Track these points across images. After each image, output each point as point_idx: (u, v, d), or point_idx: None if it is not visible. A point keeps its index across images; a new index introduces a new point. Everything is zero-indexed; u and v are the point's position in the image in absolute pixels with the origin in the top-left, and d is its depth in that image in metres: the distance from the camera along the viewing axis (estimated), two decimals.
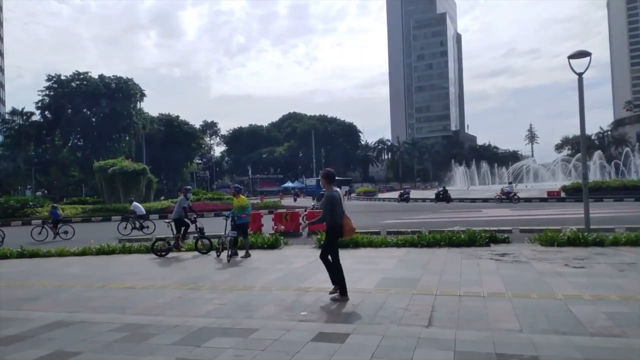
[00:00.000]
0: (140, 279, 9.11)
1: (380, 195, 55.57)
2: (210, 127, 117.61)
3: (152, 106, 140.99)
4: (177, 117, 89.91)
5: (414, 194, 51.02)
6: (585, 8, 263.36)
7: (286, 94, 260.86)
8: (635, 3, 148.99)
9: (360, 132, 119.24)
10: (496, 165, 71.74)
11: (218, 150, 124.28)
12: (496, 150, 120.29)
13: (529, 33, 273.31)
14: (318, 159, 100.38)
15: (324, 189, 7.01)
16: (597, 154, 50.77)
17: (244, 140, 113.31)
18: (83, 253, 13.19)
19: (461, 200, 37.06)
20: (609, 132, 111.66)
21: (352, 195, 53.39)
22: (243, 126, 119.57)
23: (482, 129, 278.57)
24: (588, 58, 11.86)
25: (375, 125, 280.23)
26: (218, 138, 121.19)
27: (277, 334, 4.95)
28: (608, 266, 8.19)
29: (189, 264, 11.09)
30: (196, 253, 12.30)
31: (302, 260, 10.45)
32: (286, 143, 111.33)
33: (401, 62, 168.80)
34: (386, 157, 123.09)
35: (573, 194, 30.51)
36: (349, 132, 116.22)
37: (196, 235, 13.00)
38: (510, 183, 37.73)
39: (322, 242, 12.21)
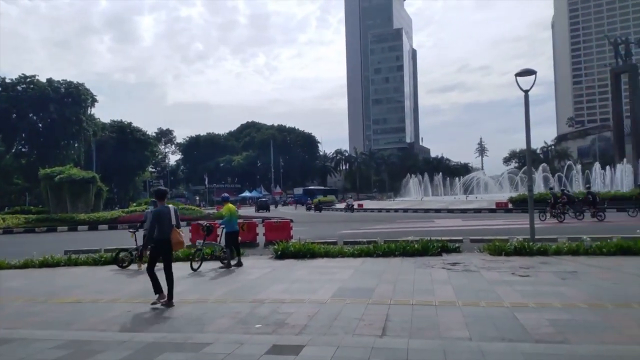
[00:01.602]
0: (87, 292, 8.69)
1: (338, 206, 55.98)
2: (165, 135, 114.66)
3: (104, 112, 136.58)
4: (130, 123, 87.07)
5: (370, 204, 51.85)
6: (532, 29, 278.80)
7: (245, 103, 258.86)
8: (577, 25, 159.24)
9: (319, 142, 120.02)
10: (448, 177, 74.04)
11: (173, 158, 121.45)
12: (448, 163, 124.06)
13: (480, 51, 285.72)
14: (277, 168, 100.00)
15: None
16: (542, 167, 53.52)
17: (201, 149, 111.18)
18: (25, 265, 12.44)
19: (415, 211, 38.09)
20: (553, 147, 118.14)
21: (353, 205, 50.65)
22: (200, 134, 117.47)
23: (435, 142, 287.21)
24: (533, 76, 12.52)
25: (334, 136, 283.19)
26: (173, 146, 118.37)
27: (230, 347, 4.85)
28: (551, 275, 8.60)
29: (142, 276, 10.70)
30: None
31: (258, 271, 10.33)
32: (244, 152, 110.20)
33: (359, 75, 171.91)
34: (344, 167, 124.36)
35: (519, 205, 31.92)
36: (308, 142, 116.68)
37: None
38: (350, 198, 38.70)
39: (279, 252, 12.20)
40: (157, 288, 7.19)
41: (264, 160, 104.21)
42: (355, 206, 46.09)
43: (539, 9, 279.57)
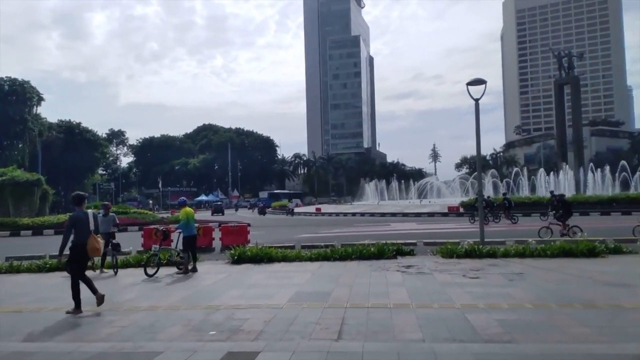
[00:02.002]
0: (29, 300, 8.21)
1: (297, 210, 55.93)
2: (117, 136, 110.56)
3: (51, 112, 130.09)
4: (79, 124, 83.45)
5: (328, 208, 52.13)
6: (482, 40, 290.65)
7: (202, 104, 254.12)
8: (524, 38, 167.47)
9: (277, 146, 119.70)
10: (403, 181, 75.72)
11: (125, 160, 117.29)
12: (404, 168, 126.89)
13: (434, 60, 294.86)
14: (234, 172, 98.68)
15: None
16: (491, 172, 55.80)
17: (155, 151, 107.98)
18: None
19: (372, 214, 38.66)
20: (501, 153, 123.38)
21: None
22: (154, 136, 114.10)
23: (391, 147, 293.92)
24: (483, 86, 13.04)
25: (293, 140, 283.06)
26: (126, 148, 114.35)
27: (182, 356, 4.72)
28: (500, 276, 8.96)
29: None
30: (111, 272, 11.30)
31: (213, 276, 10.14)
32: (201, 155, 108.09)
33: (318, 80, 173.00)
34: (302, 171, 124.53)
35: (470, 209, 33.02)
36: (266, 146, 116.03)
37: (104, 251, 11.86)
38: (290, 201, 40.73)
39: (235, 257, 12.03)
40: (93, 290, 7.13)
41: (221, 164, 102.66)
42: (296, 210, 48.62)
43: (489, 22, 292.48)
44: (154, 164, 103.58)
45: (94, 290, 7.15)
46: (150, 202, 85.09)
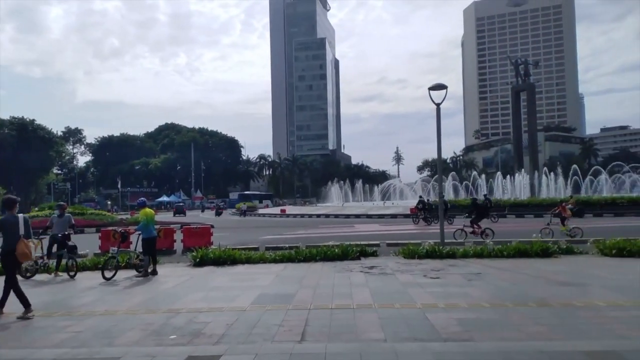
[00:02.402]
0: None
1: (261, 211, 55.54)
2: (73, 134, 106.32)
3: (3, 108, 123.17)
4: (33, 121, 79.74)
5: (293, 209, 52.06)
6: (444, 46, 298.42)
7: (164, 103, 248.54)
8: (483, 46, 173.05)
9: (242, 147, 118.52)
10: (368, 183, 76.61)
11: (83, 160, 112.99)
12: (368, 170, 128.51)
13: (398, 64, 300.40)
14: (197, 172, 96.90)
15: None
16: (452, 175, 57.35)
17: (114, 150, 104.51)
18: None
19: (336, 216, 38.91)
20: (461, 157, 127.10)
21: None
22: (113, 135, 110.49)
23: (356, 149, 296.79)
24: (445, 90, 13.40)
25: (258, 141, 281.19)
26: (83, 147, 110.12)
27: None
28: (459, 276, 9.20)
29: (46, 287, 9.78)
30: (66, 275, 10.79)
31: (174, 279, 9.91)
32: (163, 155, 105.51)
33: (283, 81, 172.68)
34: (267, 172, 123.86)
35: (421, 211, 33.74)
36: (231, 146, 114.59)
37: (60, 253, 11.35)
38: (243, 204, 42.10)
39: (197, 260, 11.81)
40: (24, 302, 6.85)
41: (183, 164, 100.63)
42: (261, 211, 50.59)
43: (451, 28, 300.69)
44: (113, 163, 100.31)
45: (26, 303, 6.83)
46: (109, 202, 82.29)
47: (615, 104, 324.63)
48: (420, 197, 31.45)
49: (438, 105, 13.44)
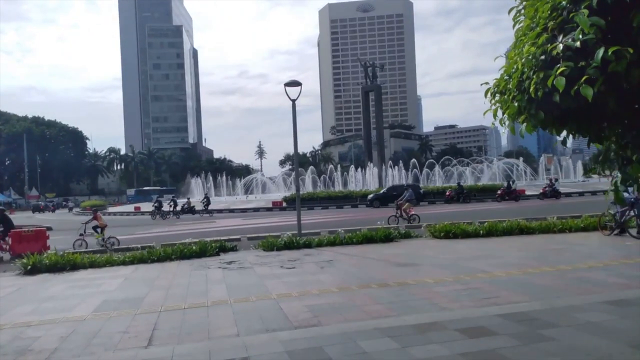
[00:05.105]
0: None
1: (111, 209, 50.88)
2: None
3: None
4: None
5: (147, 206, 48.67)
6: (302, 45, 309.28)
7: None
8: (337, 47, 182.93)
9: (87, 139, 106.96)
10: (231, 178, 75.60)
11: None
12: (231, 164, 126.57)
13: (259, 59, 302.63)
14: (32, 168, 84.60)
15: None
16: (310, 169, 59.85)
17: None
18: None
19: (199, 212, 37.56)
20: (319, 151, 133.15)
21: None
22: None
23: (219, 143, 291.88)
24: (299, 87, 13.86)
25: (108, 133, 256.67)
26: None
27: None
28: (313, 265, 9.67)
29: None
30: None
31: None
32: None
33: (136, 68, 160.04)
34: (119, 167, 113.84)
35: (292, 203, 34.89)
36: (74, 138, 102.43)
37: None
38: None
39: (29, 267, 10.36)
40: None
41: (14, 158, 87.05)
42: (111, 210, 47.33)
43: (309, 28, 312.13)
44: None
45: None
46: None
47: (446, 105, 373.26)
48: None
49: (294, 101, 13.84)
